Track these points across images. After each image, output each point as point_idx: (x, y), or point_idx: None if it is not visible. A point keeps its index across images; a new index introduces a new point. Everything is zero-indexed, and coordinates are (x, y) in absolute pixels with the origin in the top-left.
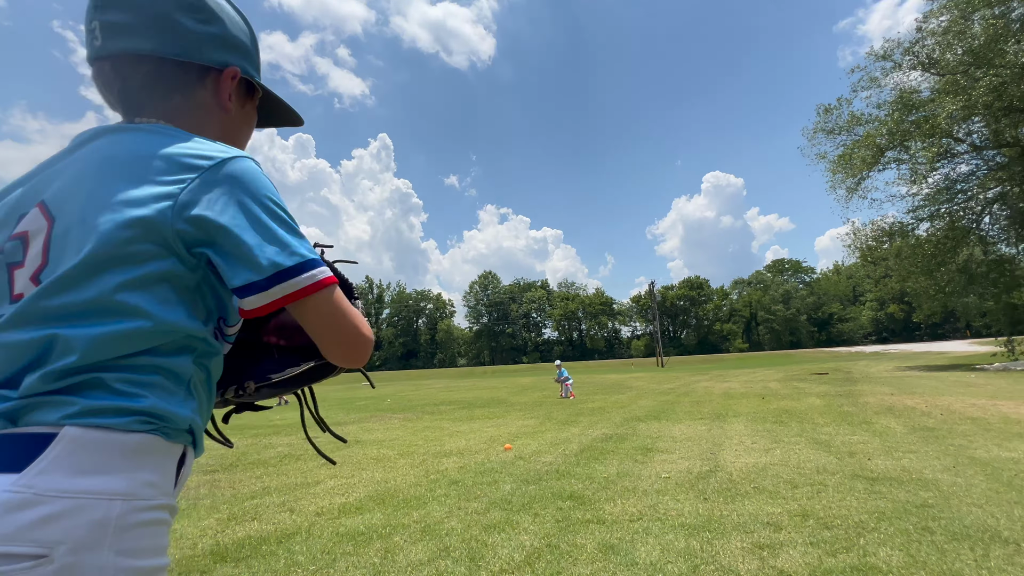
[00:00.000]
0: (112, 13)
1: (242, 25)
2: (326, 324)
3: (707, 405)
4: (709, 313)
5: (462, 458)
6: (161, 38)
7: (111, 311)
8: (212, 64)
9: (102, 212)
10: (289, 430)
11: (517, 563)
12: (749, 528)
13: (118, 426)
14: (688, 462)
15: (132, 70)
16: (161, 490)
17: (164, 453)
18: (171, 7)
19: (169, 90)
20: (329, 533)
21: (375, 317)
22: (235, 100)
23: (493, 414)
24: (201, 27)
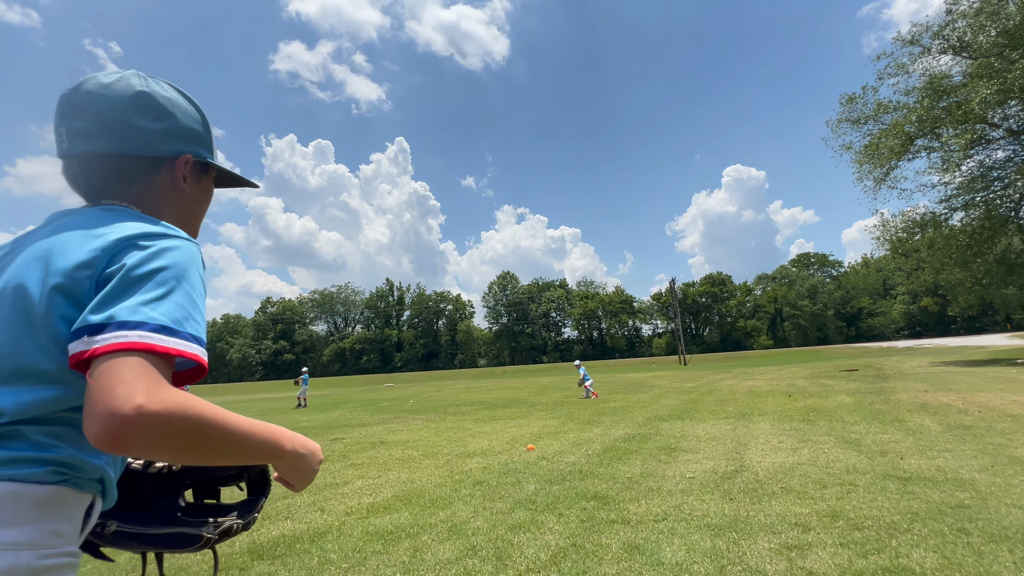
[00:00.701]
0: (76, 120)
1: (193, 113)
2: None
3: (731, 404)
4: (732, 310)
5: (486, 458)
6: (119, 139)
7: (34, 377)
8: (166, 155)
9: (36, 282)
10: (316, 431)
11: (543, 562)
12: (777, 529)
13: (31, 478)
14: (713, 462)
15: (96, 166)
16: (67, 539)
17: (74, 504)
18: (126, 111)
19: (129, 181)
20: (359, 532)
21: (396, 319)
22: (190, 180)
23: (515, 414)
24: (154, 124)
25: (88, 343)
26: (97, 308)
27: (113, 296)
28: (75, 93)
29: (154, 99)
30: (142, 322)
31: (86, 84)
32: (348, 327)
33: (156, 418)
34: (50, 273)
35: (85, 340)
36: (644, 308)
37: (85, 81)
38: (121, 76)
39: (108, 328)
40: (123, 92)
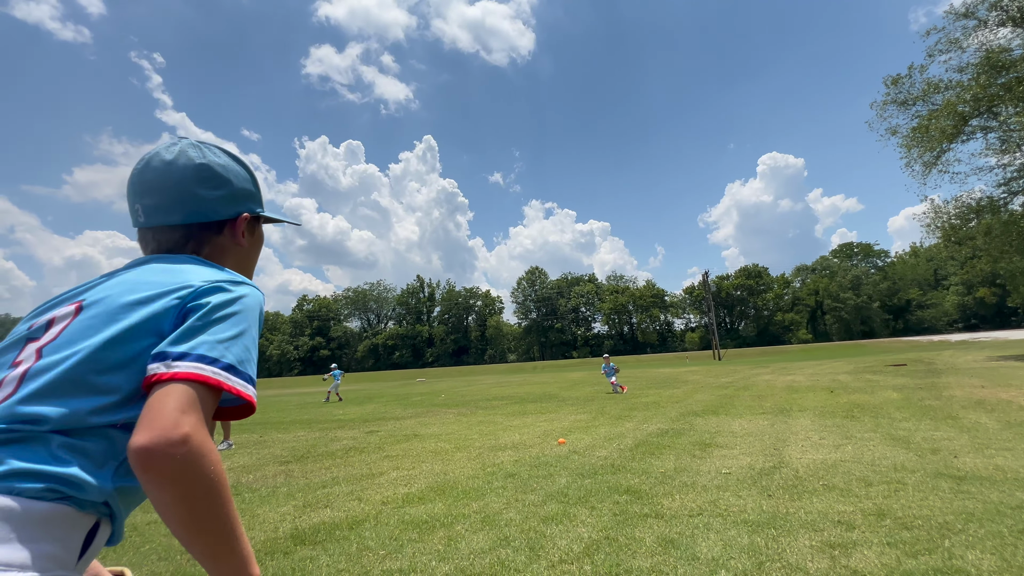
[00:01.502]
0: (148, 198)
1: (244, 175)
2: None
3: (769, 399)
4: (769, 303)
5: (517, 452)
6: (186, 210)
7: (87, 388)
8: (227, 218)
9: (119, 305)
10: (352, 424)
11: (576, 554)
12: (818, 526)
13: (29, 493)
14: (750, 458)
15: (167, 235)
16: (61, 563)
17: (72, 525)
18: (190, 184)
19: (198, 243)
20: (395, 521)
21: (427, 315)
22: (247, 234)
23: (545, 409)
24: (215, 192)
25: (169, 366)
26: (180, 339)
27: (196, 330)
28: (145, 171)
29: (212, 170)
30: (215, 358)
31: (152, 162)
32: (381, 323)
33: (190, 451)
34: (138, 299)
35: (168, 363)
36: (676, 302)
37: (151, 159)
38: (180, 150)
39: (187, 358)
40: (186, 167)
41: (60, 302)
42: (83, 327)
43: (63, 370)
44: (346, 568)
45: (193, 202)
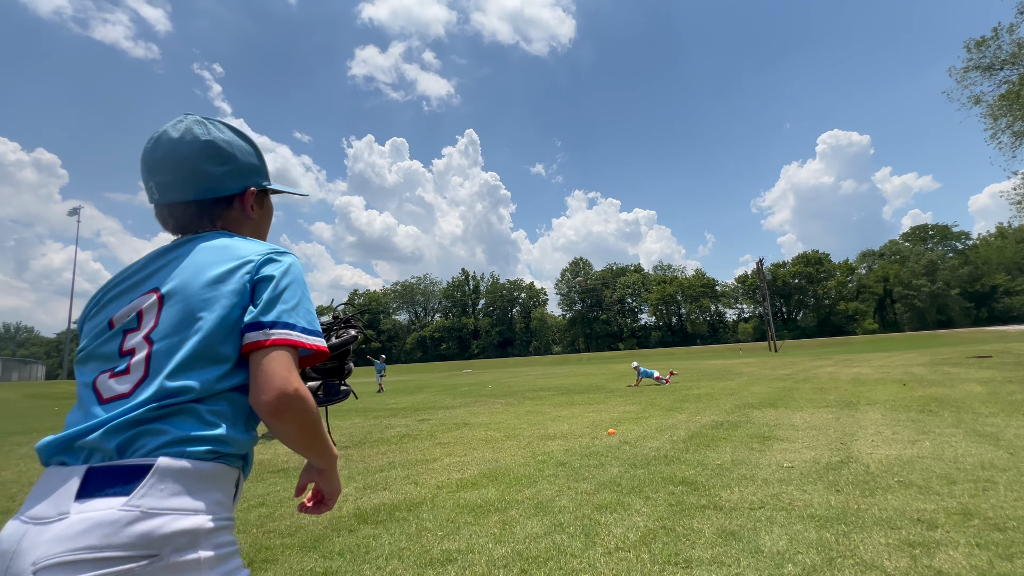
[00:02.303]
0: (160, 175)
1: (248, 149)
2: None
3: (833, 392)
4: (831, 291)
5: (566, 441)
6: (196, 187)
7: (212, 359)
8: (235, 192)
9: (203, 288)
10: (404, 412)
11: (632, 542)
12: (895, 524)
13: (195, 455)
14: (814, 452)
15: (182, 211)
16: (225, 507)
17: (226, 478)
18: (197, 161)
19: (211, 218)
20: (451, 504)
21: (471, 308)
22: (255, 206)
23: (593, 400)
24: (221, 168)
25: (266, 334)
26: (265, 309)
27: (271, 301)
28: (155, 150)
29: (218, 146)
30: (294, 324)
31: (161, 140)
32: (428, 316)
33: (302, 400)
34: (213, 278)
35: (264, 331)
36: (728, 292)
37: (160, 137)
38: (186, 127)
39: (277, 326)
40: (192, 144)
41: (131, 293)
42: (181, 311)
43: (191, 347)
44: (407, 547)
45: (202, 178)
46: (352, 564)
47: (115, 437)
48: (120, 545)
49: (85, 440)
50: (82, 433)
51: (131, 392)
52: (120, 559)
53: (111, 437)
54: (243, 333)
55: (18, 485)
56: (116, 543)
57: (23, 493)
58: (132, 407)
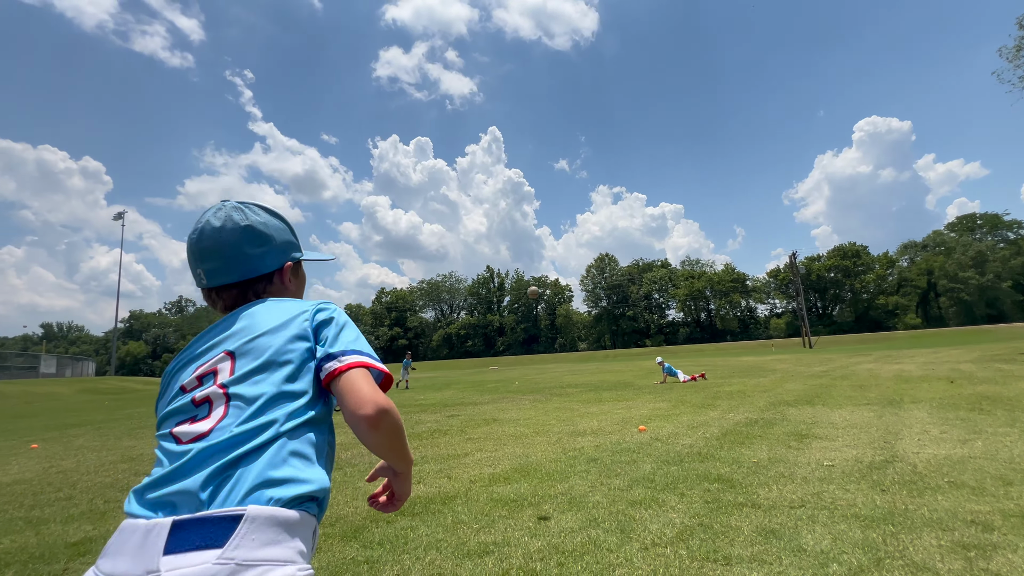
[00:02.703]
0: (207, 263)
1: (283, 227)
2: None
3: (873, 389)
4: (869, 285)
5: (597, 437)
6: (240, 269)
7: (286, 396)
8: (273, 269)
9: (268, 337)
10: (433, 408)
11: (669, 538)
12: (947, 525)
13: (282, 502)
14: (856, 450)
15: (229, 292)
16: (307, 556)
17: (308, 526)
18: (239, 246)
19: (254, 293)
20: (484, 498)
21: (496, 305)
22: (291, 278)
23: (621, 396)
24: (260, 250)
25: (341, 361)
26: (333, 343)
27: (336, 336)
28: (200, 240)
29: (256, 230)
30: (360, 350)
31: (205, 231)
32: (453, 313)
33: (393, 411)
34: (275, 326)
35: (338, 359)
36: (759, 286)
37: (204, 228)
38: (226, 215)
39: (347, 353)
40: (233, 231)
41: (197, 361)
42: (253, 359)
43: (265, 387)
44: (444, 539)
45: (244, 261)
46: (392, 554)
47: (198, 482)
48: None
49: (167, 489)
50: (163, 481)
51: (210, 431)
52: None
53: (194, 482)
54: (319, 368)
55: (78, 474)
56: None
57: (83, 481)
58: (212, 447)
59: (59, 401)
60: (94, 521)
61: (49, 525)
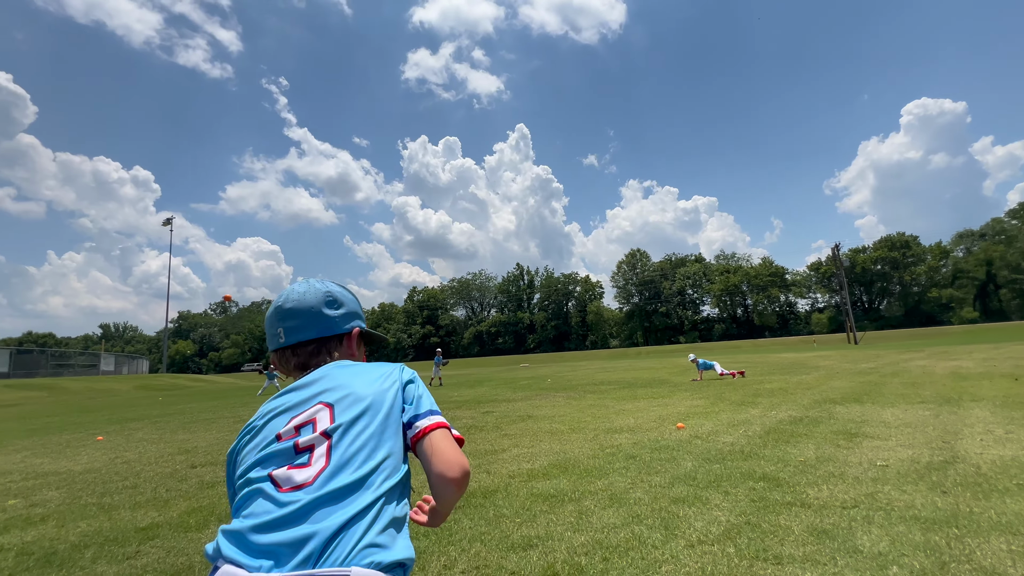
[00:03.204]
0: (289, 322)
1: (353, 299)
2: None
3: (928, 387)
4: (920, 277)
5: (634, 435)
6: (317, 328)
7: (383, 446)
8: (345, 331)
9: (364, 390)
10: (468, 405)
11: (715, 536)
12: (1018, 530)
13: (381, 567)
14: (912, 450)
15: (304, 349)
16: None
17: None
18: (319, 307)
19: (325, 354)
20: (524, 493)
21: (526, 303)
22: (358, 346)
23: (657, 394)
24: (336, 312)
25: (428, 421)
26: (420, 405)
27: (420, 398)
28: (286, 303)
29: (334, 295)
30: (439, 412)
31: (291, 296)
32: (484, 311)
33: (468, 473)
34: (378, 379)
35: (427, 419)
36: (799, 280)
37: (289, 294)
38: (307, 284)
39: (432, 414)
40: (315, 294)
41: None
42: (353, 409)
43: (369, 440)
44: (487, 531)
45: (322, 320)
46: (438, 545)
47: (306, 535)
48: None
49: (272, 538)
50: (267, 528)
51: (314, 480)
52: None
53: (302, 535)
54: (408, 426)
55: (140, 464)
56: None
57: (145, 471)
58: (318, 499)
59: (117, 396)
60: (159, 508)
61: (119, 511)
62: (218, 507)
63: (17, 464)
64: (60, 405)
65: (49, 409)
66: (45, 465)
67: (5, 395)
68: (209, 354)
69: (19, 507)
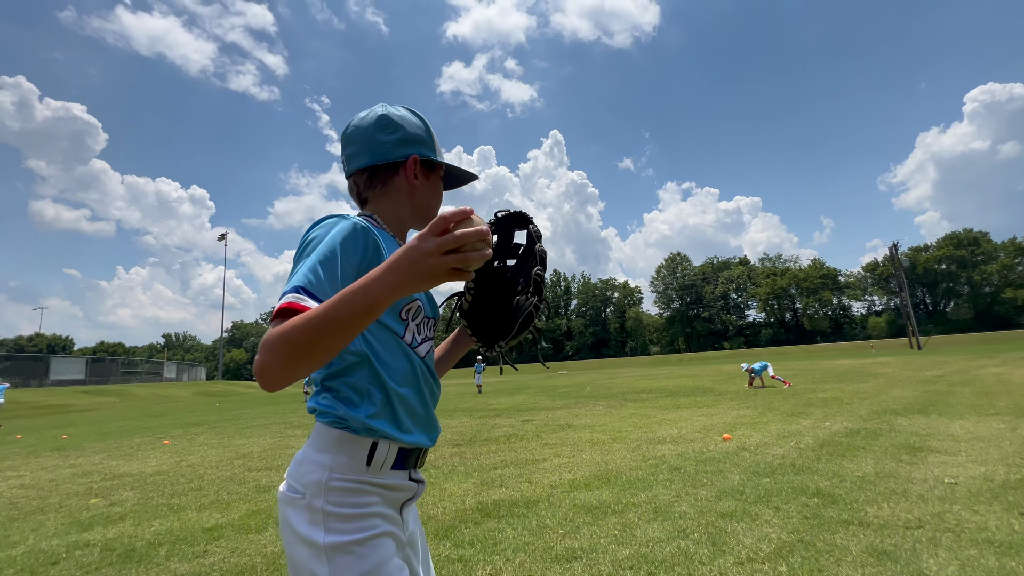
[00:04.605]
0: (347, 149)
1: (418, 123)
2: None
3: (1002, 397)
4: (991, 277)
5: (677, 446)
6: (370, 155)
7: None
8: (400, 159)
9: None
10: (507, 413)
11: (767, 554)
12: None
13: (329, 423)
14: (984, 467)
15: (359, 178)
16: (353, 468)
17: (354, 444)
18: (372, 132)
19: (380, 182)
20: (567, 504)
21: (563, 309)
22: (420, 176)
23: (701, 403)
24: (389, 137)
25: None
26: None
27: (292, 272)
28: (346, 130)
29: (389, 119)
30: (289, 290)
31: (352, 122)
32: None
33: (264, 346)
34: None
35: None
36: (853, 282)
37: (352, 120)
38: (371, 110)
39: (284, 295)
40: (369, 119)
41: None
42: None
43: None
44: (530, 542)
45: (374, 146)
46: (483, 554)
47: None
48: None
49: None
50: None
51: None
52: None
53: None
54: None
55: (203, 467)
56: None
57: (208, 474)
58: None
59: (179, 403)
60: (222, 510)
61: (187, 512)
62: (275, 511)
63: (96, 465)
64: (129, 410)
65: (120, 414)
66: (120, 467)
67: (82, 400)
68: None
69: (100, 506)
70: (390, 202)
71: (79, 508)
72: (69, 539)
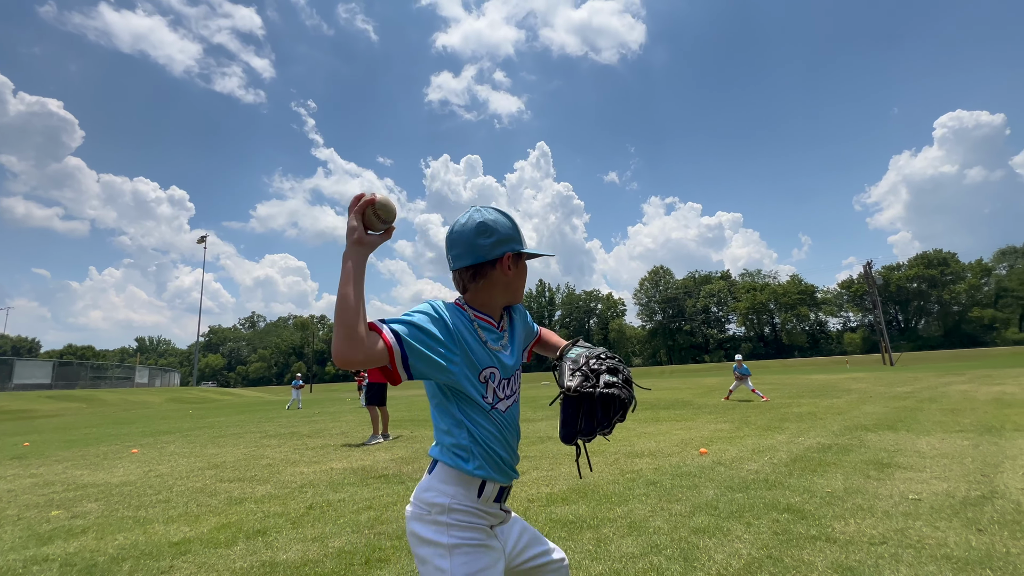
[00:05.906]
0: (454, 250)
1: (508, 224)
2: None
3: (968, 414)
4: (960, 296)
5: (655, 459)
6: (471, 256)
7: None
8: (497, 257)
9: None
10: None
11: (736, 570)
12: None
13: (451, 465)
14: (947, 483)
15: (462, 274)
16: (469, 498)
17: (470, 482)
18: (473, 237)
19: (480, 277)
20: (543, 519)
21: (548, 319)
22: (512, 267)
23: (680, 416)
24: (487, 240)
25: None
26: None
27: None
28: (451, 233)
29: (486, 225)
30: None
31: (455, 226)
32: None
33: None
34: None
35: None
36: (829, 298)
37: (455, 224)
38: (469, 216)
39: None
40: (470, 226)
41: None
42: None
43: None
44: None
45: (475, 249)
46: None
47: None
48: None
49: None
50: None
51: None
52: None
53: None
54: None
55: (172, 478)
56: None
57: (177, 485)
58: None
59: (151, 409)
60: (190, 523)
61: (153, 525)
62: (246, 523)
63: (59, 475)
64: (97, 416)
65: (87, 420)
66: (84, 477)
67: (47, 405)
68: (237, 367)
69: (62, 518)
70: (488, 293)
71: (39, 520)
72: (27, 553)
